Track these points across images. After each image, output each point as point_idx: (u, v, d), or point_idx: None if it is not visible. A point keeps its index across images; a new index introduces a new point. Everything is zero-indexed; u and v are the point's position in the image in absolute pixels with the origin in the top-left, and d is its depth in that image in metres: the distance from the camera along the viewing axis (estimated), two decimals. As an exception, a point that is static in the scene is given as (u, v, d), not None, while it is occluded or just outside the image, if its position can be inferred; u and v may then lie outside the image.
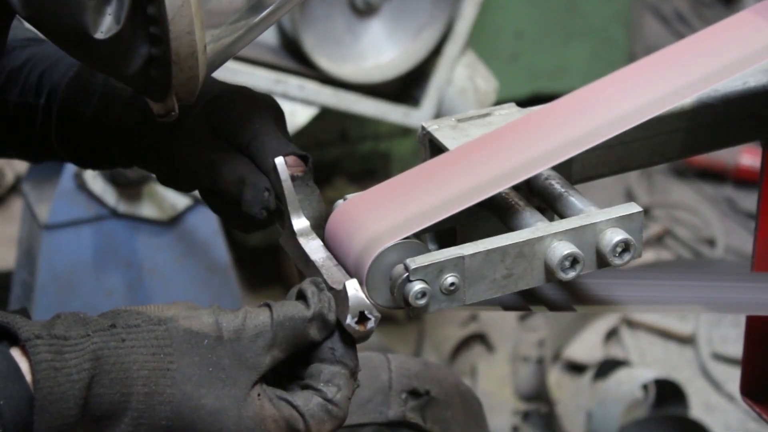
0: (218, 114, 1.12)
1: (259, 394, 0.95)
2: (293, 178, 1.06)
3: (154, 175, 1.20)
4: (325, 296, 0.98)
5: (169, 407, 0.92)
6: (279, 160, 1.05)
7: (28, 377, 0.89)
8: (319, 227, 1.06)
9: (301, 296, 0.98)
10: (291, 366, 0.99)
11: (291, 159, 1.07)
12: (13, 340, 0.90)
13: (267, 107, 1.12)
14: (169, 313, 0.95)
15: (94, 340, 0.91)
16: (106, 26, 0.91)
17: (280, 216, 1.07)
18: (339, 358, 0.97)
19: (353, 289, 0.96)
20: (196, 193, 1.17)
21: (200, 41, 0.94)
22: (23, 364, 0.89)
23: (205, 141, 1.11)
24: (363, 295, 0.96)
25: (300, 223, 1.05)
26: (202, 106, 1.12)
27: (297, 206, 1.06)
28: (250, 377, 0.95)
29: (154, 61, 0.94)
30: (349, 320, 0.96)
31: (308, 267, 1.03)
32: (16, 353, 0.90)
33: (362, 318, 0.96)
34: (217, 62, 1.01)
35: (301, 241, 1.05)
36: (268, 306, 0.97)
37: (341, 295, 0.97)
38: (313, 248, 1.04)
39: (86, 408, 0.90)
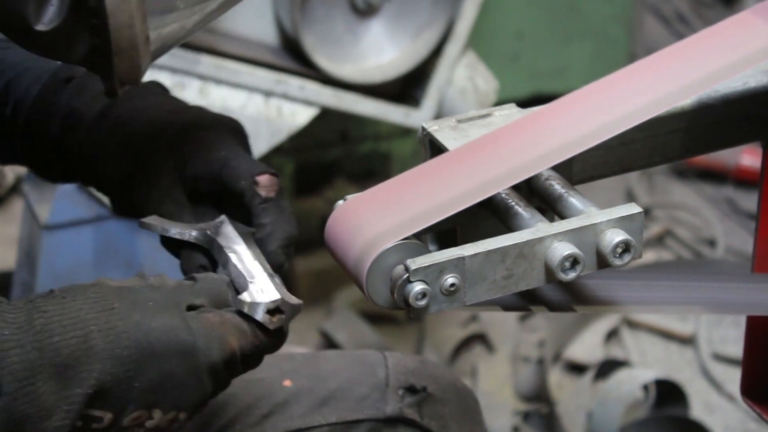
0: (184, 150, 1.14)
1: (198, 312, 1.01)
2: (266, 201, 1.09)
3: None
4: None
5: (126, 336, 0.95)
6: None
7: None
8: (288, 246, 1.10)
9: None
10: None
11: (265, 178, 1.11)
12: None
13: (229, 132, 1.16)
14: (94, 282, 1.00)
15: (33, 299, 0.96)
16: (48, 18, 0.92)
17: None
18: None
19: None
20: None
21: (141, 33, 0.95)
22: None
23: (172, 196, 1.14)
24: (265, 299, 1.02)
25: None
26: (167, 147, 1.14)
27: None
28: (185, 304, 1.01)
29: (97, 50, 0.95)
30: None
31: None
32: None
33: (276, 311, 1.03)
34: (165, 48, 1.02)
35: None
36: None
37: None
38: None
39: (44, 352, 0.92)
